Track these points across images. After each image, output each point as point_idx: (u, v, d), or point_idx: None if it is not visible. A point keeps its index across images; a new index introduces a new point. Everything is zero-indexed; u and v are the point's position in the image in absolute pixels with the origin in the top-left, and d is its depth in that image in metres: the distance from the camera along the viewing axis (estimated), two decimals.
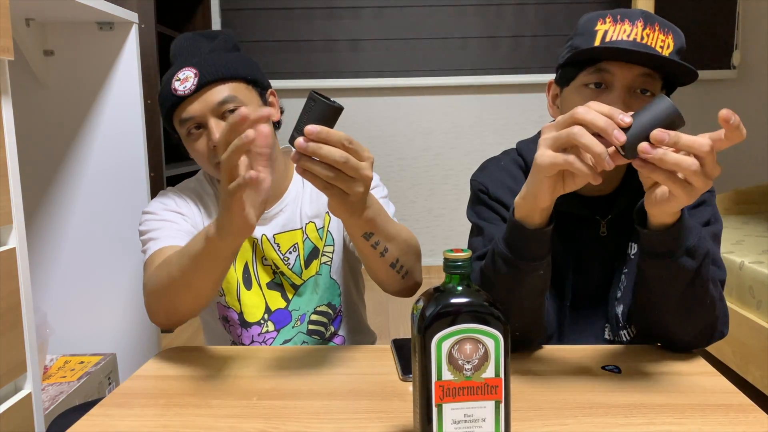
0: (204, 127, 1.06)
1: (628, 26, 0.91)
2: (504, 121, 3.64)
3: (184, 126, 1.07)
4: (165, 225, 1.10)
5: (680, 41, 0.94)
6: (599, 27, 0.93)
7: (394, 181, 3.64)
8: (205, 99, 1.05)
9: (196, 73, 1.05)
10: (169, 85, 1.06)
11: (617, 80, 0.92)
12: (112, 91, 1.77)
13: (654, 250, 0.84)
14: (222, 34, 1.14)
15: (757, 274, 1.98)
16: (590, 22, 0.95)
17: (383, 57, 3.59)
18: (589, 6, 3.55)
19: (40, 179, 1.79)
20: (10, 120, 1.07)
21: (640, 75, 0.91)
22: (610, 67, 0.91)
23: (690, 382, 0.84)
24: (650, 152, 0.71)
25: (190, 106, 1.05)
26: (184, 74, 1.05)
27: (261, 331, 1.16)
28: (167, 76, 1.09)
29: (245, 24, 3.55)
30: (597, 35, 0.92)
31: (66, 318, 1.83)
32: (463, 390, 0.61)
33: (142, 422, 0.76)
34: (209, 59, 1.07)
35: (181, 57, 1.10)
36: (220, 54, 1.09)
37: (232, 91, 1.06)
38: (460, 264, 0.61)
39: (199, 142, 1.07)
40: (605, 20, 0.93)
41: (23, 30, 1.65)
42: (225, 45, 1.12)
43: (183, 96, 1.05)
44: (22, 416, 1.08)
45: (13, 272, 1.07)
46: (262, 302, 1.16)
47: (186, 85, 1.04)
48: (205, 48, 1.10)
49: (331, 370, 0.91)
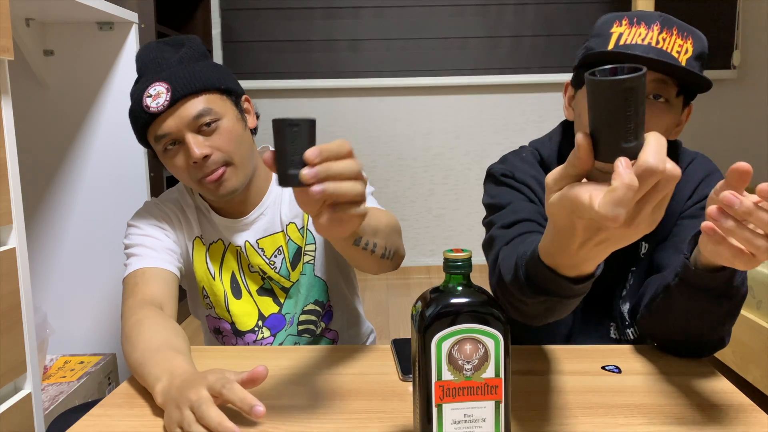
0: (180, 143, 1.03)
1: (643, 30, 0.89)
2: (504, 121, 3.64)
3: (160, 142, 1.03)
4: (146, 241, 1.08)
5: (701, 46, 0.91)
6: (615, 29, 0.91)
7: (394, 181, 3.64)
8: (180, 114, 1.01)
9: (168, 87, 1.01)
10: (140, 102, 1.02)
11: None
12: (112, 91, 1.77)
13: (694, 283, 0.80)
14: (188, 41, 1.10)
15: (757, 274, 1.98)
16: (606, 24, 0.93)
17: (383, 57, 3.59)
18: (590, 6, 3.55)
19: (40, 179, 1.79)
20: (10, 120, 1.07)
21: (653, 81, 0.89)
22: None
23: (690, 382, 0.84)
24: (719, 220, 0.63)
25: (165, 123, 1.01)
26: (155, 89, 1.01)
27: (256, 338, 1.15)
28: (136, 91, 1.05)
29: (245, 24, 3.55)
30: (612, 38, 0.90)
31: (66, 318, 1.83)
32: (463, 390, 0.61)
33: (142, 422, 0.76)
34: (179, 72, 1.03)
35: (149, 70, 1.05)
36: (190, 64, 1.05)
37: (206, 104, 1.03)
38: (460, 264, 0.61)
39: (177, 158, 1.04)
40: (621, 22, 0.91)
41: (23, 30, 1.65)
42: (193, 53, 1.07)
43: (156, 113, 1.01)
44: (22, 416, 1.08)
45: (13, 272, 1.07)
46: (254, 309, 1.15)
47: (158, 101, 1.00)
48: (173, 58, 1.05)
49: (331, 370, 0.91)
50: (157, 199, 1.18)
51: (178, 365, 0.81)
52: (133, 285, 1.02)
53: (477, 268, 3.73)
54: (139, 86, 1.04)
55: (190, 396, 0.72)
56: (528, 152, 1.10)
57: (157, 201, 1.17)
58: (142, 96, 1.02)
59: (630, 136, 0.51)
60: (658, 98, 0.91)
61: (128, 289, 1.03)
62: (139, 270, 1.04)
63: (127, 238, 1.11)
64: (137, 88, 1.05)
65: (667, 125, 0.93)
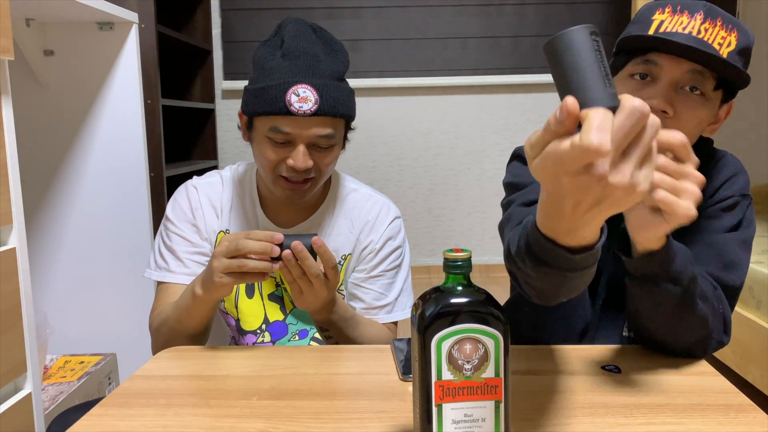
0: (290, 143, 1.04)
1: (686, 18, 0.86)
2: (504, 121, 3.64)
3: (274, 133, 1.03)
4: (178, 245, 1.13)
5: (745, 40, 0.87)
6: (656, 16, 0.88)
7: (394, 181, 3.64)
8: (311, 127, 1.02)
9: (317, 100, 1.01)
10: (282, 93, 1.01)
11: (664, 74, 0.87)
12: (112, 91, 1.77)
13: (637, 274, 0.81)
14: (342, 51, 1.10)
15: (757, 274, 1.98)
16: (649, 11, 0.90)
17: (383, 57, 3.59)
18: (590, 6, 3.55)
19: (40, 179, 1.79)
20: (10, 120, 1.07)
21: (690, 72, 0.86)
22: (658, 59, 0.87)
23: (690, 382, 0.84)
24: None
25: (293, 125, 1.02)
26: (305, 93, 1.00)
27: (256, 340, 1.16)
28: (275, 72, 1.02)
29: (245, 24, 3.55)
30: (652, 24, 0.88)
31: (66, 318, 1.83)
32: (463, 390, 0.61)
33: (142, 422, 0.76)
34: (331, 88, 1.03)
35: (298, 62, 1.03)
36: (338, 83, 1.05)
37: (334, 128, 1.04)
38: (460, 264, 0.61)
39: (276, 150, 1.04)
40: (664, 10, 0.88)
41: (23, 30, 1.65)
42: (341, 70, 1.07)
43: (294, 113, 1.01)
44: (22, 416, 1.08)
45: (13, 272, 1.07)
46: (261, 312, 1.16)
47: (303, 106, 1.00)
48: (325, 66, 1.04)
49: (331, 370, 0.91)
50: (196, 181, 1.18)
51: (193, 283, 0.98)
52: (159, 295, 1.13)
53: (477, 268, 3.73)
54: (282, 71, 1.02)
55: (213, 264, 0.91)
56: None
57: (195, 185, 1.17)
58: (287, 90, 1.01)
59: (609, 79, 0.51)
60: (694, 90, 0.87)
61: (157, 296, 1.13)
62: (163, 285, 1.13)
63: (164, 229, 1.15)
64: (279, 69, 1.03)
65: (700, 119, 0.90)
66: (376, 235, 1.16)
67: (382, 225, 1.17)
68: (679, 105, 0.87)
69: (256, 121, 1.06)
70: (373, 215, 1.17)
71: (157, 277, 1.13)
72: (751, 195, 0.99)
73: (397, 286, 1.18)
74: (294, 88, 1.00)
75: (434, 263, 3.65)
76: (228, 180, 1.18)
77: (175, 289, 1.10)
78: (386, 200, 1.21)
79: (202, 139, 3.51)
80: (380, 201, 1.20)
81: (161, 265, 1.13)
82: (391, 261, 1.18)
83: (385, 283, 1.17)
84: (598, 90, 0.50)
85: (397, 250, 1.18)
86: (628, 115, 0.49)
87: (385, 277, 1.17)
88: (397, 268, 1.19)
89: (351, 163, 3.58)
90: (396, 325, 1.19)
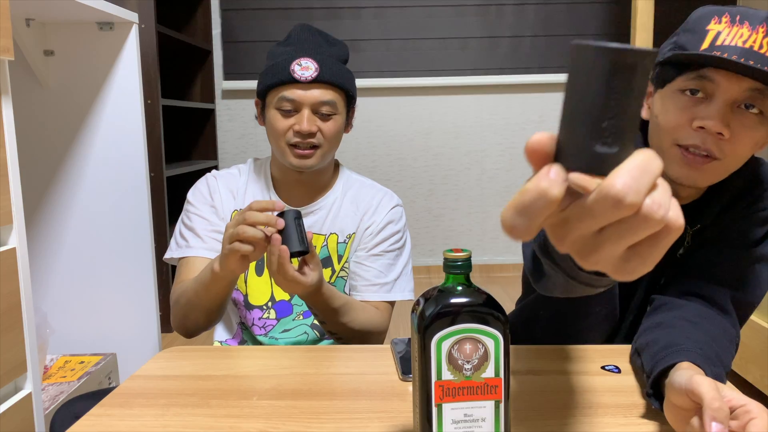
0: (296, 112, 1.15)
1: (746, 30, 0.77)
2: (504, 121, 3.64)
3: (281, 102, 1.15)
4: (197, 224, 1.21)
5: None
6: (712, 26, 0.80)
7: (395, 181, 3.64)
8: (313, 93, 1.14)
9: (317, 68, 1.14)
10: (287, 64, 1.14)
11: (720, 92, 0.80)
12: (112, 91, 1.77)
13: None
14: (340, 44, 1.23)
15: None
16: (703, 19, 0.82)
17: (383, 57, 3.59)
18: (590, 6, 3.55)
19: (40, 179, 1.79)
20: (10, 120, 1.07)
21: (748, 89, 0.79)
22: (714, 76, 0.80)
23: None
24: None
25: (299, 91, 1.14)
26: (307, 63, 1.14)
27: (262, 315, 1.22)
28: (283, 53, 1.16)
29: (245, 24, 3.55)
30: (707, 36, 0.79)
31: (66, 318, 1.83)
32: (462, 390, 0.61)
33: (142, 422, 0.76)
34: (330, 61, 1.16)
35: (302, 46, 1.17)
36: (339, 62, 1.19)
37: (334, 97, 1.16)
38: (460, 264, 0.61)
39: (285, 120, 1.15)
40: (721, 19, 0.80)
41: (23, 30, 1.65)
42: (341, 55, 1.20)
43: (297, 80, 1.13)
44: (22, 416, 1.08)
45: (13, 272, 1.07)
46: (268, 290, 1.22)
47: (305, 73, 1.13)
48: (326, 50, 1.18)
49: (331, 370, 0.91)
50: (216, 172, 1.28)
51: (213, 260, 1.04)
52: (181, 269, 1.19)
53: (477, 268, 3.73)
54: (288, 52, 1.16)
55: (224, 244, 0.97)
56: None
57: (215, 175, 1.27)
58: (291, 62, 1.14)
59: (608, 137, 0.36)
60: (751, 108, 0.80)
61: (178, 271, 1.20)
62: (184, 260, 1.19)
63: (184, 213, 1.23)
64: (286, 52, 1.17)
65: (756, 140, 0.83)
66: (378, 217, 1.25)
67: (384, 209, 1.26)
68: (736, 125, 0.80)
69: (268, 97, 1.18)
70: (376, 200, 1.27)
71: (178, 254, 1.20)
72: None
73: (398, 269, 1.25)
74: (297, 60, 1.14)
75: (434, 263, 3.65)
76: (245, 170, 1.28)
77: (195, 262, 1.17)
78: (389, 191, 1.31)
79: (202, 139, 3.51)
80: (383, 190, 1.30)
81: (181, 244, 1.20)
82: (391, 243, 1.25)
83: (385, 263, 1.24)
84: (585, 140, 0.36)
85: (398, 234, 1.26)
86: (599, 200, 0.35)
87: (385, 257, 1.24)
88: (398, 250, 1.26)
89: (351, 164, 3.58)
90: (392, 306, 1.25)
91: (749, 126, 0.81)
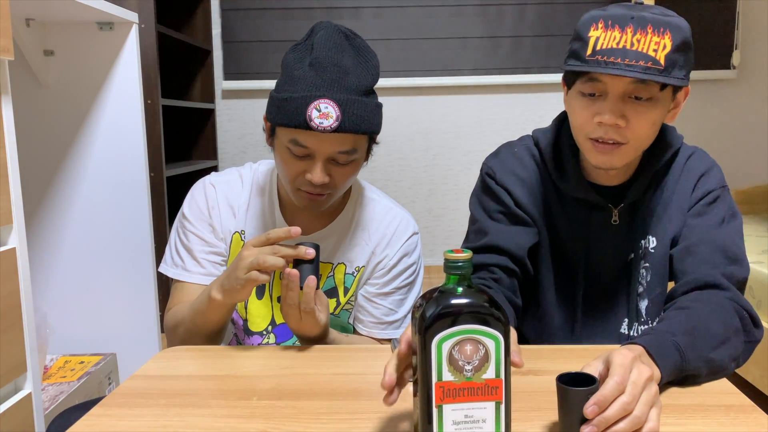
0: (310, 156, 1.02)
1: (617, 33, 0.91)
2: (504, 121, 3.64)
3: (294, 145, 1.01)
4: (194, 244, 1.13)
5: (680, 36, 0.91)
6: (592, 33, 0.93)
7: (395, 181, 3.64)
8: (332, 143, 1.00)
9: (338, 116, 0.97)
10: (304, 107, 0.97)
11: (610, 89, 0.94)
12: (112, 91, 1.77)
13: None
14: (372, 57, 1.07)
15: (757, 274, 1.98)
16: (585, 26, 0.94)
17: (383, 57, 3.57)
18: (589, 6, 3.55)
19: (40, 179, 1.79)
20: (10, 120, 1.07)
21: (632, 82, 0.92)
22: (601, 77, 0.93)
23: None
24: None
25: (314, 139, 0.99)
26: (327, 108, 0.97)
27: (262, 341, 1.16)
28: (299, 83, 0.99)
29: (245, 24, 3.55)
30: (590, 43, 0.93)
31: (66, 318, 1.83)
32: (463, 391, 0.61)
33: (142, 422, 0.76)
34: (355, 104, 0.99)
35: (323, 75, 0.99)
36: (363, 99, 1.02)
37: (355, 144, 1.02)
38: (461, 264, 0.61)
39: (297, 163, 1.03)
40: (597, 25, 0.93)
41: (23, 30, 1.65)
42: (368, 83, 1.04)
43: (314, 129, 0.98)
44: (22, 416, 1.08)
45: (13, 272, 1.07)
46: (269, 313, 1.16)
47: (324, 122, 0.97)
48: (353, 78, 1.01)
49: (331, 370, 0.91)
50: (214, 178, 1.17)
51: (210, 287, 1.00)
52: (175, 293, 1.14)
53: None
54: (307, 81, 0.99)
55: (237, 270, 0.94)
56: (523, 148, 1.13)
57: (213, 182, 1.16)
58: (308, 105, 0.97)
59: None
60: (639, 99, 0.93)
61: (172, 293, 1.15)
62: (179, 284, 1.14)
63: (180, 227, 1.15)
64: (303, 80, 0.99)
65: (653, 121, 0.96)
66: (392, 250, 1.15)
67: (399, 240, 1.16)
68: (630, 113, 0.94)
69: (278, 130, 1.04)
70: (391, 229, 1.16)
71: (173, 275, 1.15)
72: (727, 184, 1.05)
73: (408, 303, 1.18)
74: (316, 103, 0.97)
75: (434, 263, 3.65)
76: (247, 180, 1.17)
77: (191, 288, 1.12)
78: (405, 214, 1.20)
79: (202, 139, 3.51)
80: (399, 215, 1.19)
81: (177, 263, 1.14)
82: (404, 278, 1.17)
83: (396, 299, 1.17)
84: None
85: (412, 267, 1.18)
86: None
87: (397, 294, 1.17)
88: (410, 285, 1.18)
89: None
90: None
91: (642, 111, 0.94)
